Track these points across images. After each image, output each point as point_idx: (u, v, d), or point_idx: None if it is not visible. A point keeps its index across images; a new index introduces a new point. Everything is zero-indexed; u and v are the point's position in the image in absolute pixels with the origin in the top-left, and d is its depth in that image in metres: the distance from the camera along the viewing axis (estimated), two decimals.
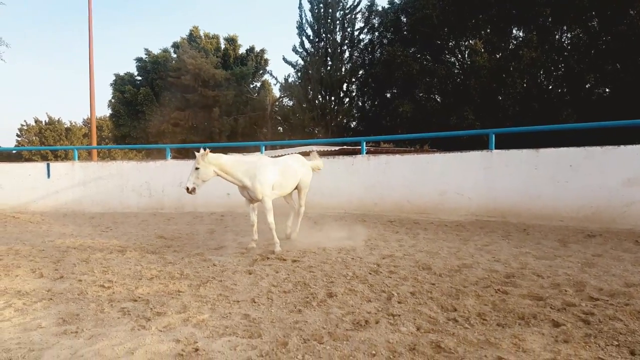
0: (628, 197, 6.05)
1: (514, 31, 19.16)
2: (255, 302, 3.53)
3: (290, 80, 31.73)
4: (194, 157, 5.48)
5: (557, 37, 18.96)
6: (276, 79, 35.30)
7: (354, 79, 28.14)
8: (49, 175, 10.39)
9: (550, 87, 19.51)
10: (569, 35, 19.03)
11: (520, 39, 18.63)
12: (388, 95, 25.39)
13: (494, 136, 7.28)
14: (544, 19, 17.95)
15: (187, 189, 5.44)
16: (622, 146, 6.09)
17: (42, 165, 10.54)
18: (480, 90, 18.53)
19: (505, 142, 7.43)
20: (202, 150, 5.39)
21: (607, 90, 18.60)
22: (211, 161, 5.47)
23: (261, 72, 39.61)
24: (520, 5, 17.40)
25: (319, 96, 28.97)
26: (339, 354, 2.53)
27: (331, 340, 2.74)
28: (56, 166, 10.52)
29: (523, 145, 7.28)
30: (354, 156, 8.51)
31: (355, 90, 28.87)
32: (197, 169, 5.41)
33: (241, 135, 34.19)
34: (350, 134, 29.51)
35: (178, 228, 7.81)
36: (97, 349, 2.69)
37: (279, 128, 39.27)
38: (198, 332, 2.92)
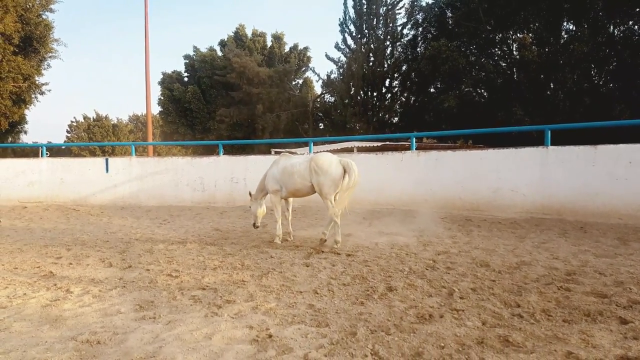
0: None
1: (565, 24, 18.35)
2: (317, 293, 3.64)
3: (332, 76, 31.79)
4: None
5: (609, 30, 18.03)
6: (318, 75, 35.48)
7: (396, 75, 27.87)
8: (107, 170, 10.96)
9: (602, 82, 18.60)
10: (621, 28, 18.05)
11: (572, 33, 17.84)
12: (432, 90, 24.99)
13: (549, 132, 7.07)
14: (596, 12, 17.10)
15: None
16: None
17: (101, 161, 11.14)
18: (529, 85, 17.92)
19: (557, 139, 7.16)
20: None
21: None
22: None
23: (303, 69, 39.92)
24: None
25: (361, 92, 28.88)
26: (407, 344, 2.59)
27: (398, 332, 2.80)
28: (114, 161, 11.08)
29: (575, 142, 7.04)
30: (403, 152, 8.49)
31: (397, 86, 28.58)
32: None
33: (283, 131, 34.62)
34: (392, 129, 29.30)
35: (232, 221, 8.08)
36: (176, 333, 2.86)
37: (319, 124, 39.51)
38: (268, 319, 3.05)
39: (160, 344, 2.69)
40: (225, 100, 35.33)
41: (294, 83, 39.33)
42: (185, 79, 36.08)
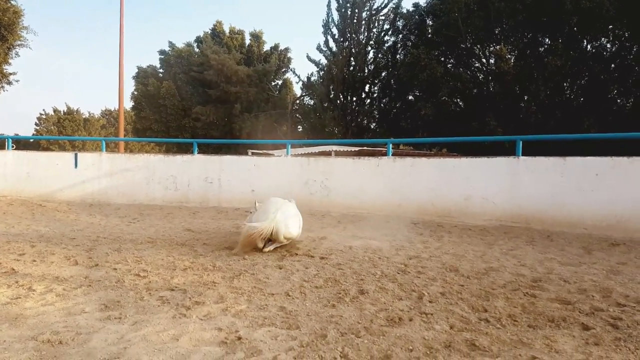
0: None
1: (540, 38, 18.97)
2: (289, 296, 3.65)
3: (312, 79, 31.90)
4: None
5: (582, 46, 18.73)
6: (299, 77, 35.46)
7: (376, 80, 28.18)
8: (76, 165, 10.69)
9: (573, 96, 19.28)
10: (594, 44, 18.79)
11: (546, 46, 18.45)
12: (410, 97, 25.40)
13: (521, 142, 7.29)
14: (570, 27, 17.74)
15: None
16: None
17: (70, 155, 10.85)
18: (504, 96, 18.43)
19: (528, 150, 7.39)
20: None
21: (630, 101, 18.29)
22: None
23: (283, 70, 39.90)
24: (548, 13, 17.22)
25: (341, 96, 29.08)
26: (377, 347, 2.63)
27: (368, 334, 2.84)
28: (84, 156, 10.82)
29: (544, 153, 7.30)
30: (379, 157, 8.60)
31: (377, 91, 28.91)
32: None
33: (261, 132, 34.50)
34: (370, 134, 29.63)
35: (204, 222, 7.99)
36: (142, 334, 2.82)
37: (298, 127, 39.51)
38: (238, 321, 3.05)
39: (125, 344, 2.65)
40: (201, 98, 34.99)
41: (273, 84, 39.25)
42: (160, 74, 35.49)
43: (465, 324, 3.05)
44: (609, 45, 17.84)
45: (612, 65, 18.07)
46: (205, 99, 34.91)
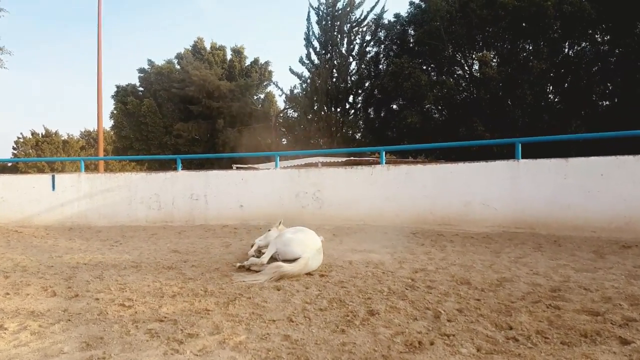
0: None
1: (523, 44, 19.14)
2: (292, 322, 3.30)
3: (295, 91, 31.77)
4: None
5: (565, 50, 18.93)
6: (281, 90, 35.24)
7: (360, 91, 28.16)
8: (53, 188, 10.20)
9: (558, 99, 19.44)
10: (576, 48, 19.01)
11: (530, 51, 18.60)
12: (394, 107, 25.36)
13: (520, 145, 7.10)
14: (553, 32, 17.92)
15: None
16: None
17: (47, 177, 10.36)
18: (490, 102, 18.46)
19: (524, 154, 7.21)
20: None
21: (613, 101, 18.47)
22: None
23: (265, 83, 39.72)
24: (530, 19, 17.37)
25: (325, 108, 28.97)
26: None
27: None
28: (62, 178, 10.33)
29: (541, 157, 7.12)
30: (373, 166, 8.34)
31: (360, 102, 28.88)
32: None
33: (245, 147, 34.11)
34: (355, 145, 29.43)
35: (191, 242, 7.59)
36: None
37: (283, 140, 39.26)
38: (239, 356, 2.70)
39: None
40: (183, 115, 34.54)
41: (255, 98, 39.03)
42: (140, 92, 34.96)
43: (493, 345, 2.75)
44: (589, 48, 18.03)
45: (594, 69, 18.27)
46: (187, 115, 34.47)
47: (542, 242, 6.25)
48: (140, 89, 35.66)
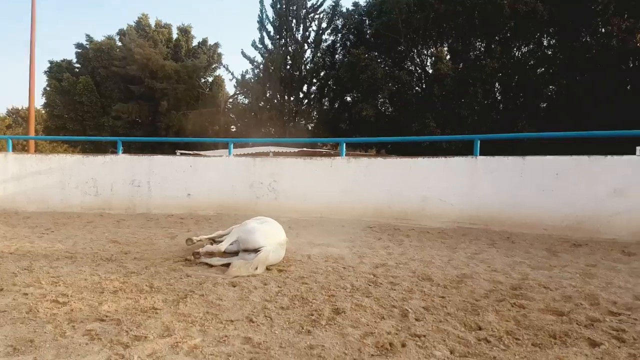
0: (613, 207, 6.16)
1: (477, 42, 19.70)
2: (252, 322, 3.08)
3: (247, 76, 31.02)
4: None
5: (515, 50, 19.70)
6: (232, 74, 34.27)
7: (314, 80, 27.94)
8: None
9: (507, 98, 20.24)
10: (525, 49, 19.84)
11: (483, 49, 19.19)
12: (348, 99, 25.41)
13: (479, 142, 7.21)
14: (505, 32, 18.57)
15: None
16: (609, 156, 6.20)
17: None
18: (442, 99, 18.88)
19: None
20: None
21: (554, 103, 19.47)
22: None
23: (214, 66, 38.54)
24: (487, 16, 17.88)
25: (278, 95, 28.52)
26: None
27: None
28: None
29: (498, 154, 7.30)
30: (332, 158, 8.21)
31: (315, 92, 28.68)
32: None
33: (191, 132, 33.01)
34: (308, 135, 29.24)
35: (132, 232, 7.11)
36: None
37: (232, 127, 38.34)
38: None
39: None
40: (123, 95, 32.84)
41: (203, 80, 37.80)
42: (77, 69, 32.78)
43: (466, 347, 2.68)
44: (537, 49, 18.85)
45: (540, 70, 19.16)
46: (127, 96, 32.78)
47: (495, 238, 6.39)
48: (77, 65, 33.44)
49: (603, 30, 17.35)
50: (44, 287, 3.86)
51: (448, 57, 18.89)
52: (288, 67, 28.38)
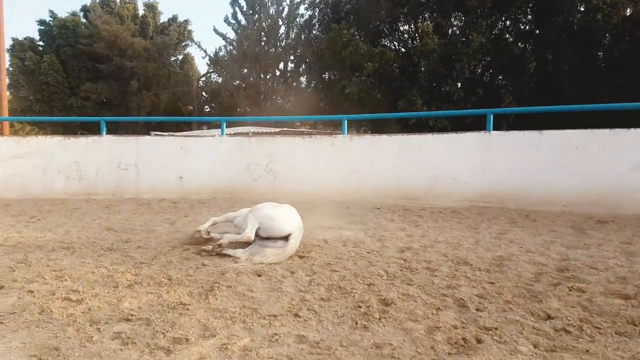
0: (637, 181, 6.06)
1: (462, 17, 19.41)
2: (298, 317, 2.78)
3: (220, 54, 30.04)
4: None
5: (500, 24, 19.57)
6: (205, 51, 33.13)
7: (292, 57, 27.28)
8: None
9: (493, 74, 20.18)
10: (509, 23, 19.74)
11: (469, 23, 18.94)
12: (329, 76, 24.87)
13: (492, 116, 6.99)
14: (490, 6, 18.32)
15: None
16: (632, 129, 6.07)
17: None
18: (428, 75, 18.64)
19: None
20: None
21: (540, 77, 19.52)
22: None
23: (184, 43, 37.19)
24: None
25: (254, 73, 27.77)
26: None
27: None
28: None
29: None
30: (334, 136, 7.86)
31: (292, 69, 28.05)
32: None
33: (163, 112, 31.96)
34: (285, 115, 28.66)
35: (125, 218, 6.65)
36: None
37: (205, 107, 37.33)
38: None
39: None
40: (91, 74, 31.41)
41: (173, 59, 36.51)
42: (40, 47, 31.03)
43: (549, 339, 2.45)
44: (522, 23, 18.79)
45: (525, 44, 19.13)
46: (95, 75, 31.36)
47: (514, 217, 6.23)
48: (40, 43, 31.65)
49: (587, 5, 17.35)
50: (49, 283, 3.45)
51: (433, 32, 18.55)
52: (263, 44, 27.61)
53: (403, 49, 21.01)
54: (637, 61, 17.14)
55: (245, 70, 28.45)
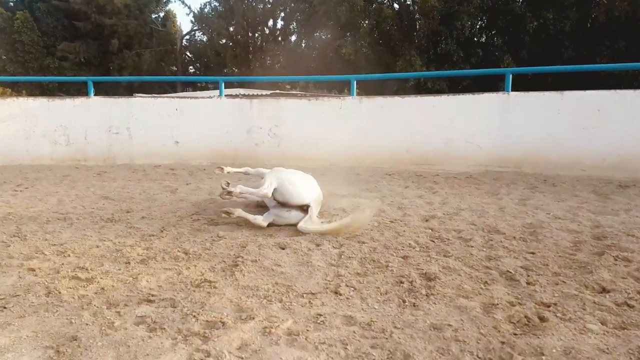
0: None
1: None
2: (339, 295, 2.59)
3: (206, 10, 28.88)
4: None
5: None
6: (189, 8, 31.87)
7: (282, 14, 26.36)
8: None
9: (493, 34, 19.72)
10: None
11: None
12: (323, 36, 24.13)
13: (510, 76, 6.71)
14: None
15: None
16: None
17: None
18: (428, 34, 18.12)
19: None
20: None
21: (540, 37, 19.11)
22: None
23: (165, 0, 35.65)
24: None
25: (242, 31, 26.84)
26: None
27: (517, 354, 1.95)
28: None
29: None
30: (342, 98, 7.53)
31: (283, 27, 27.16)
32: None
33: (146, 73, 30.93)
34: (274, 75, 27.98)
35: (121, 186, 6.35)
36: None
37: (190, 67, 36.32)
38: (307, 355, 1.95)
39: None
40: (68, 33, 30.09)
41: (154, 16, 35.10)
42: (12, 3, 29.47)
43: (615, 315, 2.30)
44: None
45: (526, 3, 18.63)
46: (72, 34, 30.01)
47: (532, 181, 6.08)
48: None
49: None
50: (50, 259, 3.21)
51: None
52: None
53: (401, 6, 20.31)
54: (636, 22, 16.86)
55: (232, 28, 27.46)
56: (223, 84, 8.03)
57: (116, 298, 2.55)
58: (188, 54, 35.88)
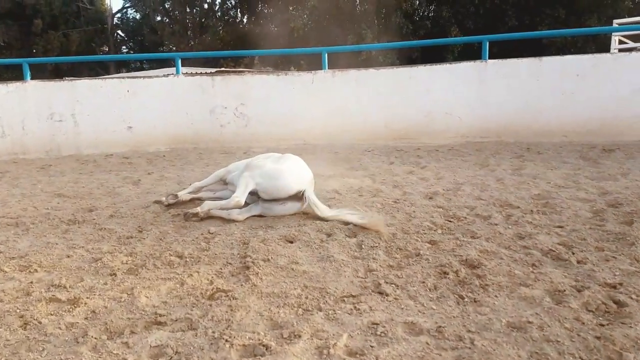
0: (638, 107, 5.95)
1: None
2: (384, 295, 2.24)
3: None
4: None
5: None
6: None
7: None
8: None
9: (438, 4, 19.69)
10: None
11: None
12: (261, 8, 23.21)
13: (487, 43, 6.50)
14: None
15: None
16: (634, 52, 5.87)
17: None
18: (378, 6, 17.80)
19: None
20: None
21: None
22: None
23: None
24: None
25: (179, 7, 25.33)
26: None
27: (624, 351, 1.68)
28: None
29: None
30: (313, 72, 7.01)
31: (222, 2, 25.89)
32: None
33: (74, 54, 28.63)
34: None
35: (73, 180, 5.60)
36: None
37: (123, 48, 34.17)
38: None
39: None
40: None
41: None
42: None
43: None
44: None
45: None
46: None
47: (517, 150, 5.97)
48: None
49: None
50: (14, 278, 2.64)
51: None
52: None
53: None
54: None
55: (168, 4, 25.86)
56: (180, 61, 7.29)
57: (116, 324, 2.05)
58: (120, 32, 33.69)
